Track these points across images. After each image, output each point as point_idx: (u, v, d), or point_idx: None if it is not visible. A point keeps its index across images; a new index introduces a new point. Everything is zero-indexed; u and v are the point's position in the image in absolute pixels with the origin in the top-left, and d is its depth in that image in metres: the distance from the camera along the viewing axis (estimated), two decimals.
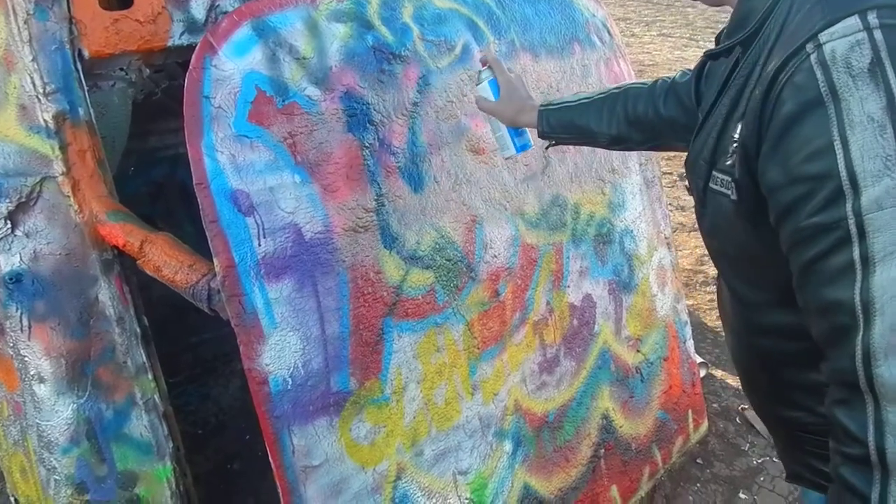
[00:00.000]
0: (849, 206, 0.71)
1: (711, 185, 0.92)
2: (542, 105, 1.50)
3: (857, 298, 0.71)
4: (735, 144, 0.85)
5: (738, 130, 0.84)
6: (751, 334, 1.01)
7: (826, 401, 0.79)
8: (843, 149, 0.71)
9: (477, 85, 1.58)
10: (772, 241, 0.83)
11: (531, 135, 1.57)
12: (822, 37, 0.73)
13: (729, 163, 0.86)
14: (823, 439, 0.85)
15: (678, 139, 1.32)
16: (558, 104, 1.50)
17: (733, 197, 0.87)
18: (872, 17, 0.70)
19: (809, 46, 0.74)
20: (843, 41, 0.71)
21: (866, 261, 0.71)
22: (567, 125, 1.47)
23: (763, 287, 0.93)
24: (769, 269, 0.87)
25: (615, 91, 1.45)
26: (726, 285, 1.05)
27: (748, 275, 0.96)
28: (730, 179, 0.87)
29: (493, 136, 1.63)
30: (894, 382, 0.70)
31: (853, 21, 0.71)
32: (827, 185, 0.72)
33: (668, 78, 1.38)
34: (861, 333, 0.72)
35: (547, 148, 1.58)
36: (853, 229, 0.71)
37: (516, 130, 1.55)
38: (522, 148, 1.56)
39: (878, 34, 0.70)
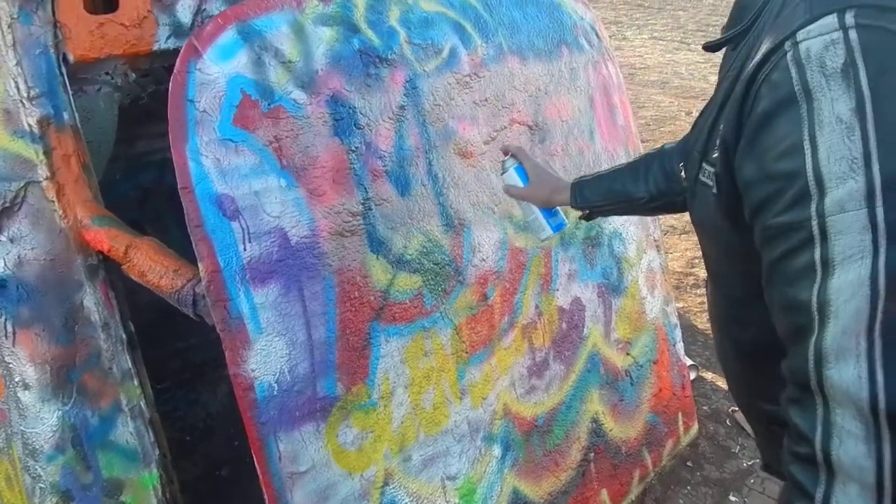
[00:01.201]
0: (813, 207, 0.71)
1: (700, 176, 0.93)
2: (574, 180, 1.48)
3: (815, 300, 0.72)
4: (720, 138, 0.85)
5: (723, 124, 0.85)
6: (732, 326, 1.02)
7: (782, 398, 0.80)
8: (811, 149, 0.71)
9: (502, 174, 1.58)
10: (748, 236, 0.83)
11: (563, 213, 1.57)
12: (800, 35, 0.72)
13: (715, 155, 0.87)
14: None
15: None
16: (591, 176, 1.48)
17: (714, 190, 0.88)
18: (850, 17, 0.70)
19: (787, 44, 0.73)
20: (819, 40, 0.71)
21: (826, 263, 0.71)
22: (604, 193, 1.43)
23: (743, 279, 0.93)
24: (747, 262, 0.87)
25: (651, 152, 1.42)
26: (711, 277, 1.05)
27: (730, 267, 0.96)
28: (712, 171, 0.88)
29: (525, 220, 1.62)
30: (843, 385, 0.70)
31: (830, 20, 0.71)
32: (795, 185, 0.72)
33: None
34: (815, 335, 0.72)
35: (581, 218, 1.55)
36: (816, 231, 0.71)
37: (549, 211, 1.55)
38: (558, 228, 1.56)
39: (853, 34, 0.69)
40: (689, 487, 2.47)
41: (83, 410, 1.53)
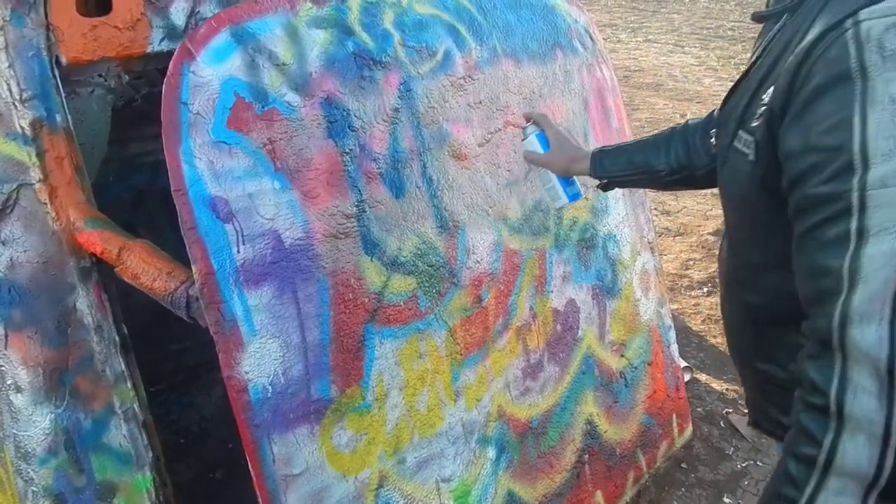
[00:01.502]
0: (855, 180, 0.76)
1: (735, 143, 0.96)
2: (595, 150, 1.52)
3: (846, 266, 0.77)
4: (763, 107, 0.89)
5: (769, 94, 0.89)
6: (743, 290, 1.06)
7: (800, 355, 0.86)
8: (860, 125, 0.75)
9: (523, 140, 1.60)
10: (777, 205, 0.88)
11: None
12: (862, 14, 0.76)
13: (755, 124, 0.91)
14: (787, 393, 0.92)
15: None
16: (613, 147, 1.52)
17: (751, 157, 0.92)
18: None
19: (848, 22, 0.77)
20: (881, 21, 0.75)
21: (861, 233, 0.76)
22: (624, 164, 1.46)
23: (763, 247, 0.98)
24: (771, 230, 0.92)
25: (674, 127, 1.46)
26: (729, 241, 1.10)
27: (752, 234, 1.01)
28: (752, 139, 0.92)
29: (542, 188, 1.65)
30: (864, 345, 0.76)
31: (894, 3, 0.75)
32: (839, 158, 0.77)
33: None
34: (843, 297, 0.77)
35: (598, 188, 1.57)
36: (855, 202, 0.76)
37: (567, 180, 1.56)
38: (574, 197, 1.58)
39: None
40: (683, 489, 2.48)
41: (76, 413, 1.52)
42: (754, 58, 1.02)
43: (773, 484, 0.88)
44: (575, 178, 1.57)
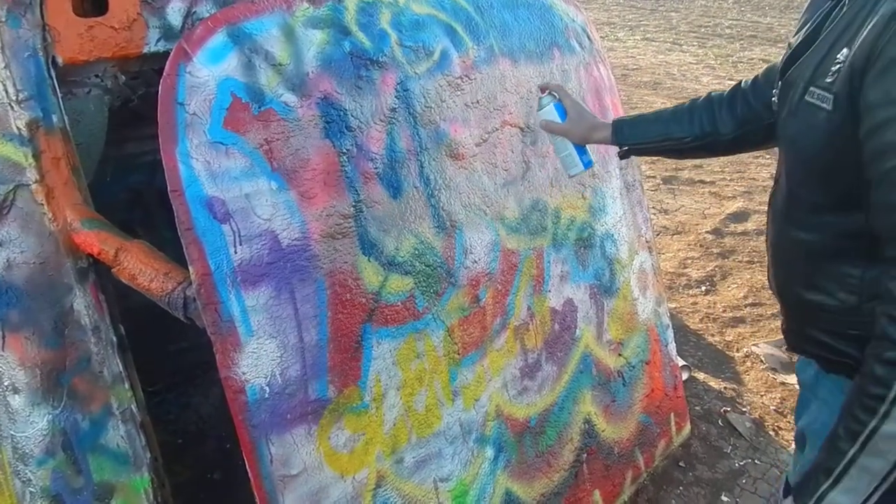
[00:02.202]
0: None
1: (807, 97, 1.09)
2: (615, 119, 1.61)
3: None
4: (839, 66, 1.03)
5: (844, 54, 1.02)
6: (799, 229, 1.18)
7: (882, 277, 0.99)
8: None
9: (539, 111, 1.66)
10: (850, 150, 1.01)
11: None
12: None
13: (829, 80, 1.04)
14: (838, 318, 1.13)
15: (767, 126, 1.40)
16: (631, 116, 1.61)
17: (828, 108, 1.04)
18: None
19: None
20: None
21: None
22: (644, 131, 1.56)
23: (827, 190, 1.11)
24: (839, 173, 1.06)
25: (694, 99, 1.56)
26: (788, 188, 1.21)
27: (818, 178, 1.12)
28: (828, 94, 1.04)
29: (557, 156, 1.72)
30: None
31: None
32: None
33: (749, 78, 1.52)
34: None
35: (618, 154, 1.65)
36: None
37: (581, 148, 1.63)
38: (588, 164, 1.66)
39: None
40: (681, 488, 2.48)
41: (73, 414, 1.52)
42: (811, 27, 1.16)
43: (859, 386, 1.00)
44: (588, 147, 1.64)
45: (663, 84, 8.39)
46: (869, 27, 0.98)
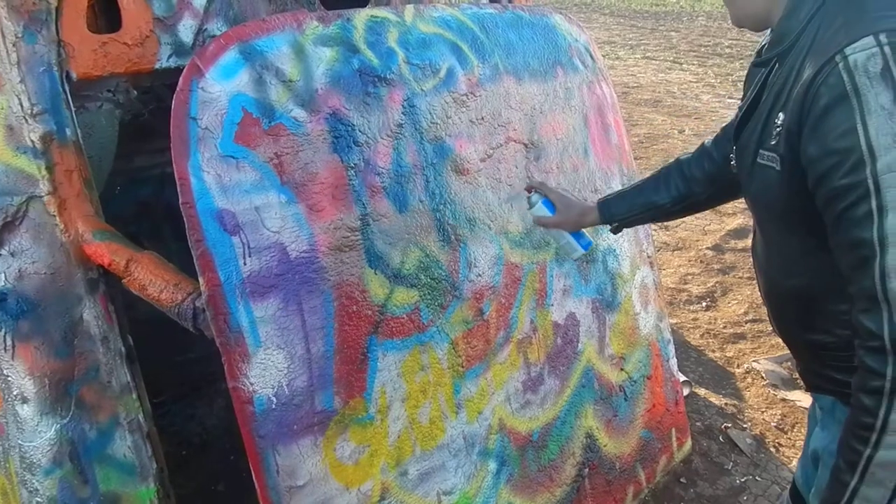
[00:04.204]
0: (868, 171, 0.97)
1: (759, 160, 1.18)
2: (599, 201, 1.72)
3: (875, 235, 0.98)
4: (779, 129, 1.12)
5: (781, 118, 1.12)
6: (785, 276, 1.25)
7: (853, 311, 1.05)
8: (863, 129, 0.98)
9: (530, 209, 1.76)
10: (806, 201, 1.09)
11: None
12: (847, 51, 1.00)
13: (773, 143, 1.13)
14: (840, 354, 1.16)
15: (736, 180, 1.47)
16: (614, 194, 1.73)
17: (777, 168, 1.13)
18: (883, 37, 0.98)
19: (838, 57, 1.00)
20: (863, 53, 0.99)
21: (881, 209, 0.97)
22: (628, 206, 1.67)
23: (800, 238, 1.18)
24: (803, 221, 1.13)
25: (666, 165, 1.66)
26: (764, 240, 1.29)
27: (787, 227, 1.21)
28: (775, 155, 1.13)
29: (557, 244, 1.86)
30: None
31: (869, 39, 0.99)
32: (852, 156, 0.99)
33: (711, 137, 1.63)
34: (878, 259, 0.98)
35: (611, 231, 1.75)
36: (871, 187, 0.97)
37: (577, 234, 1.74)
38: (587, 246, 1.77)
39: (887, 48, 0.98)
40: None
41: (81, 424, 1.53)
42: (752, 94, 1.25)
43: (851, 418, 1.05)
44: (584, 230, 1.75)
45: (664, 102, 8.45)
46: (796, 91, 1.08)
